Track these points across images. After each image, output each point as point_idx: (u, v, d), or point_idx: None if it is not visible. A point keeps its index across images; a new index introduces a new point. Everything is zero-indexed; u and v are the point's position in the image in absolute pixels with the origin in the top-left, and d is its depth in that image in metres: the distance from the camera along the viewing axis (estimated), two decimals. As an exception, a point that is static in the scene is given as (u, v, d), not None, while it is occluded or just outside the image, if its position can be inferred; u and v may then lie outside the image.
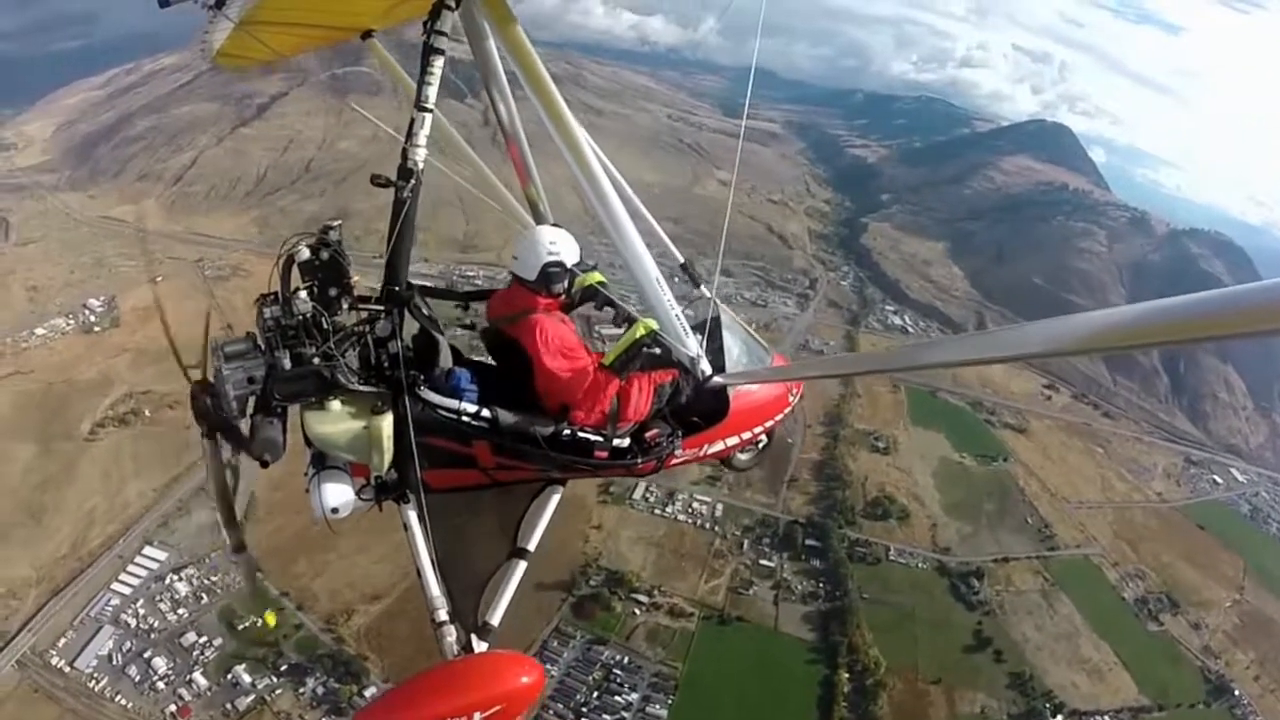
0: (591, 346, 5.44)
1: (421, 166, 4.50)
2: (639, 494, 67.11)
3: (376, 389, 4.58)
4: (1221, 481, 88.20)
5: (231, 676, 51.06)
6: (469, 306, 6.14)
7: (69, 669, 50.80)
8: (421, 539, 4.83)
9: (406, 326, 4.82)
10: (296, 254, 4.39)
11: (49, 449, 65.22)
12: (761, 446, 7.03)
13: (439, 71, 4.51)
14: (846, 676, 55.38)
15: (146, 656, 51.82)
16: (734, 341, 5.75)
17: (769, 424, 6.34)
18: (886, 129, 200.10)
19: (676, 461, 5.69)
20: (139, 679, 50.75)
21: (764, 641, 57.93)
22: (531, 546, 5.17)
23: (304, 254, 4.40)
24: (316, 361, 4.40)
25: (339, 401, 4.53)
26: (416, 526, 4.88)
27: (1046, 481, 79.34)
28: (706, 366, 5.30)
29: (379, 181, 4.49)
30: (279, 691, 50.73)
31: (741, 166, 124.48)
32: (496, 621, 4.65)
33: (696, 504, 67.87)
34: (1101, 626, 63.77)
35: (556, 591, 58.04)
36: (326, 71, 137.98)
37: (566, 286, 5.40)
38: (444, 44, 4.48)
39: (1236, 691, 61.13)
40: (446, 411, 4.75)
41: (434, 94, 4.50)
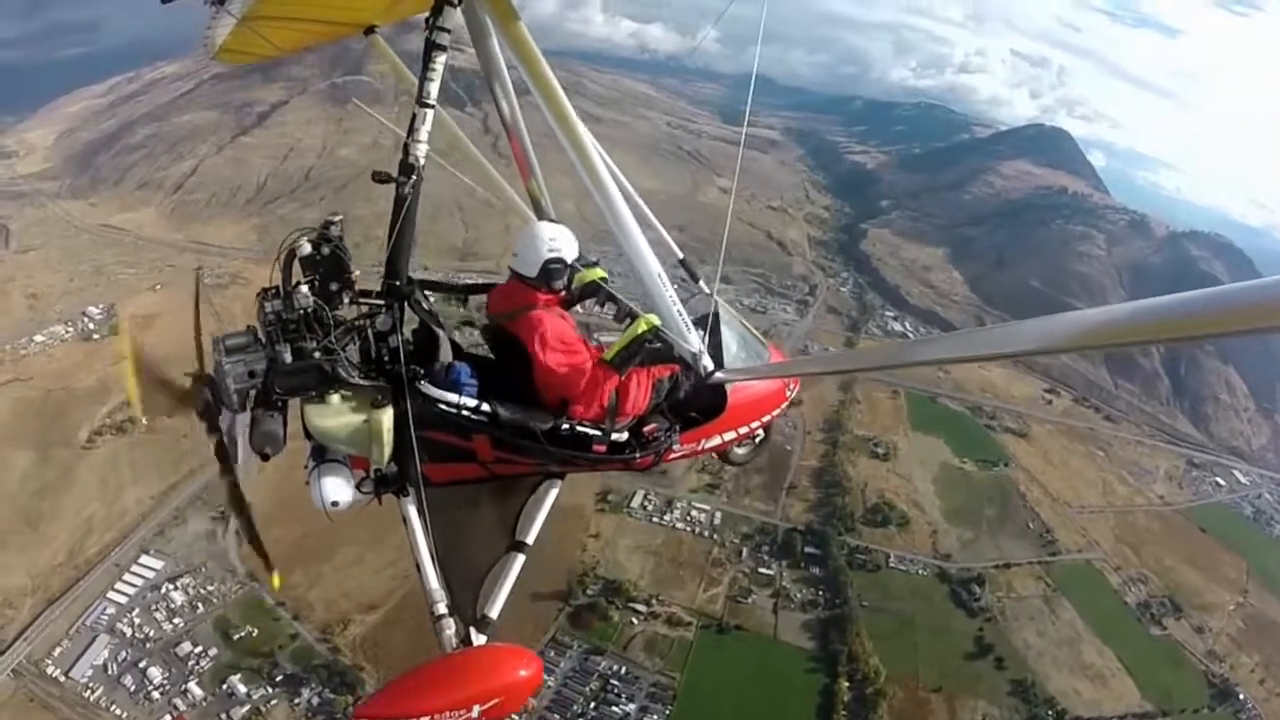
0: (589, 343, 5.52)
1: (423, 162, 4.56)
2: (637, 502, 66.79)
3: (377, 383, 4.64)
4: (1224, 484, 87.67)
5: (226, 687, 50.82)
6: (468, 300, 6.28)
7: (64, 678, 50.63)
8: (421, 532, 4.91)
9: (407, 321, 4.91)
10: (298, 249, 4.45)
11: (47, 456, 65.17)
12: (758, 441, 7.11)
13: (441, 68, 4.57)
14: (846, 685, 54.86)
15: (142, 666, 51.61)
16: (732, 337, 5.74)
17: (766, 419, 6.40)
18: (886, 135, 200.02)
19: (674, 456, 5.76)
20: (134, 689, 50.53)
21: (763, 650, 57.42)
22: (530, 540, 5.25)
23: (305, 249, 4.46)
24: (317, 355, 4.45)
25: (339, 395, 4.59)
26: (416, 520, 4.96)
27: (1048, 486, 78.86)
28: (709, 362, 5.29)
29: (381, 178, 4.57)
30: (274, 702, 50.48)
31: (741, 173, 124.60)
32: (495, 615, 4.72)
33: (695, 512, 67.43)
34: (1104, 631, 63.23)
35: (553, 601, 57.60)
36: (326, 80, 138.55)
37: (566, 283, 5.45)
38: (446, 40, 4.53)
39: (1241, 695, 60.60)
40: (446, 406, 4.81)
41: (436, 90, 4.56)
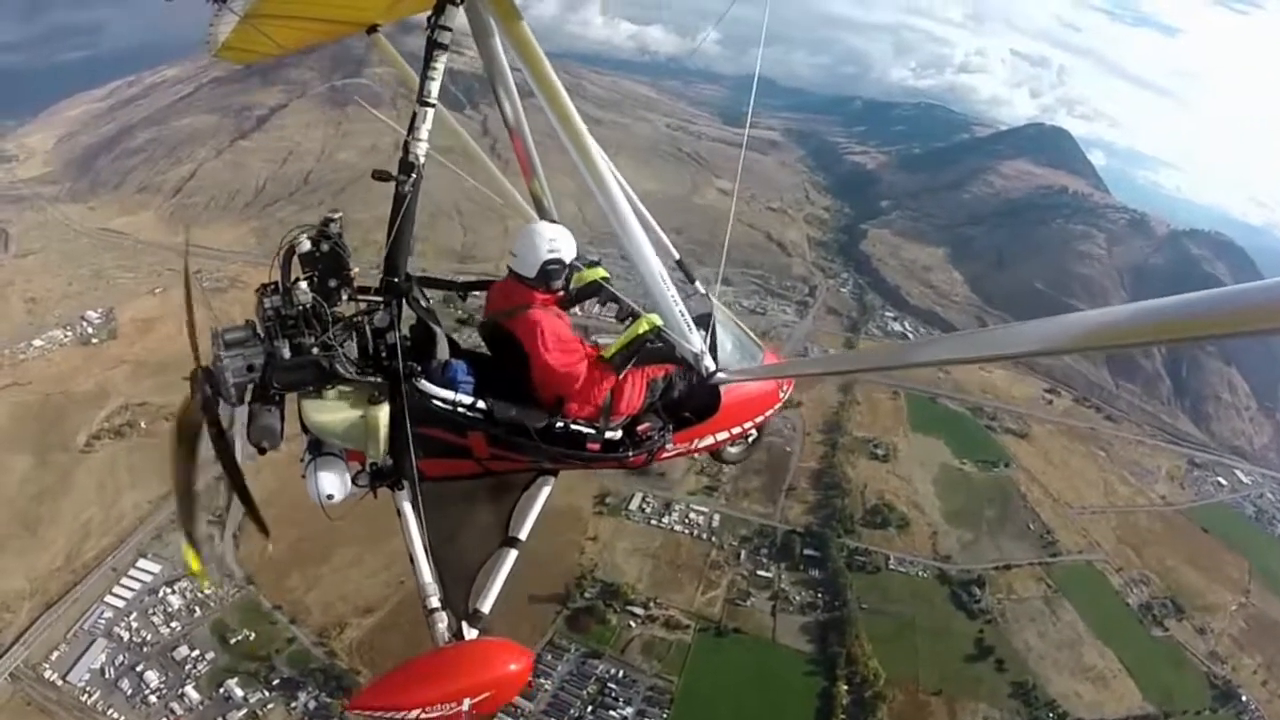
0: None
1: (423, 161, 4.59)
2: (635, 505, 66.57)
3: (374, 379, 4.68)
4: (1226, 483, 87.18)
5: (223, 690, 50.82)
6: (466, 297, 6.27)
7: (62, 682, 50.71)
8: (415, 526, 4.94)
9: (405, 318, 4.95)
10: (298, 245, 4.47)
11: (45, 461, 65.28)
12: (751, 441, 7.20)
13: (442, 67, 4.59)
14: (845, 688, 54.54)
15: (139, 670, 51.63)
16: (727, 338, 5.73)
17: (759, 419, 6.47)
18: (886, 135, 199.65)
19: (667, 455, 5.81)
20: (131, 692, 50.57)
21: (761, 653, 57.11)
22: (523, 536, 5.27)
23: (305, 245, 4.47)
24: (315, 351, 4.49)
25: (337, 391, 4.66)
26: (410, 514, 4.98)
27: (1048, 487, 78.48)
28: (710, 363, 5.31)
29: (380, 176, 4.61)
30: (271, 706, 50.44)
31: (742, 175, 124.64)
32: (487, 609, 4.75)
33: (693, 514, 67.19)
34: (1105, 633, 62.81)
35: (551, 604, 57.36)
36: (326, 83, 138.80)
37: (564, 283, 5.48)
38: (448, 39, 4.55)
39: (1244, 697, 60.17)
40: (442, 402, 4.85)
41: (437, 89, 4.58)
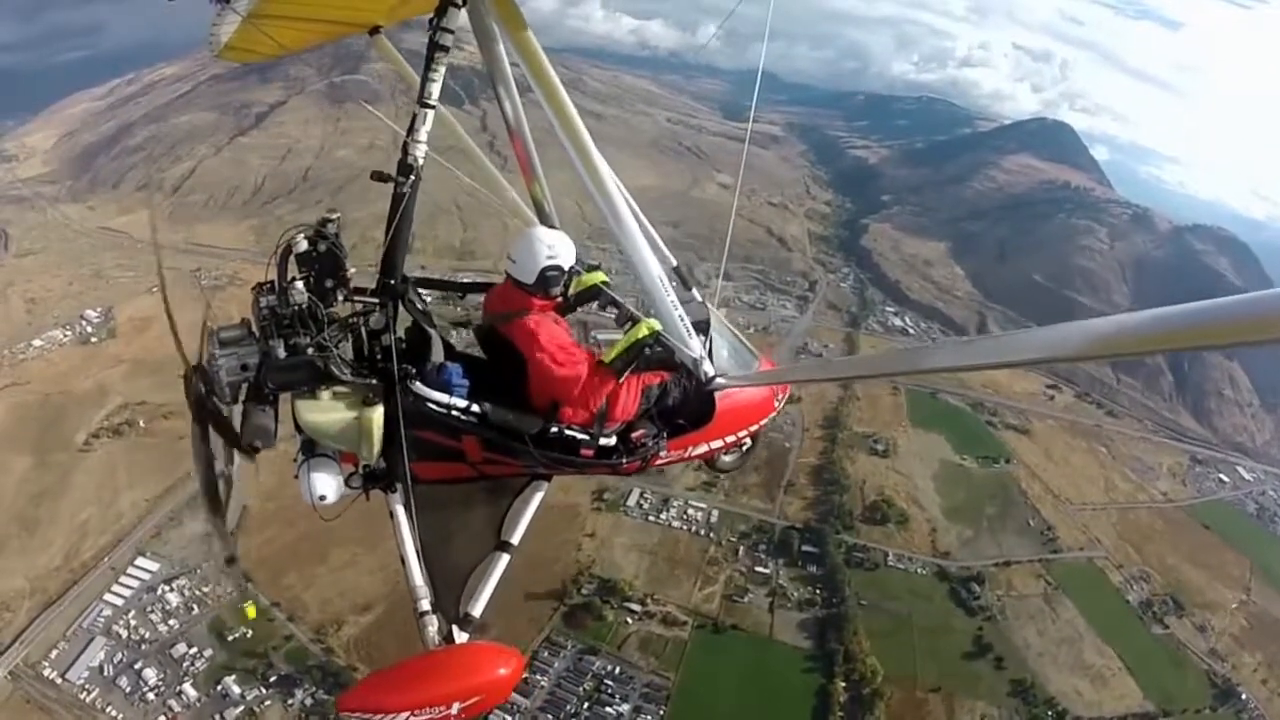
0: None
1: (422, 162, 4.55)
2: (633, 500, 66.43)
3: (369, 381, 4.65)
4: (1228, 480, 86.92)
5: (221, 688, 50.87)
6: (465, 297, 6.29)
7: (61, 680, 50.82)
8: (407, 529, 4.93)
9: (400, 320, 4.89)
10: (294, 245, 4.45)
11: (44, 460, 65.40)
12: (745, 449, 7.14)
13: (443, 69, 4.56)
14: (843, 685, 54.36)
15: (137, 668, 51.74)
16: (723, 345, 5.77)
17: (754, 427, 6.43)
18: (888, 130, 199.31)
19: (661, 462, 5.80)
20: (130, 690, 50.68)
21: (758, 650, 57.02)
22: (515, 540, 5.27)
23: (301, 245, 4.45)
24: (310, 351, 4.46)
25: (331, 391, 4.61)
26: (403, 517, 4.98)
27: (1049, 483, 78.31)
28: (709, 368, 5.32)
29: (379, 177, 4.58)
30: (268, 703, 50.52)
31: (742, 169, 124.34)
32: (478, 613, 4.74)
33: (691, 510, 67.13)
34: (1105, 631, 62.65)
35: (548, 600, 57.33)
36: (324, 79, 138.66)
37: (563, 289, 5.46)
38: (449, 41, 4.51)
39: (1244, 695, 59.95)
40: (437, 405, 4.82)
41: (438, 91, 4.55)
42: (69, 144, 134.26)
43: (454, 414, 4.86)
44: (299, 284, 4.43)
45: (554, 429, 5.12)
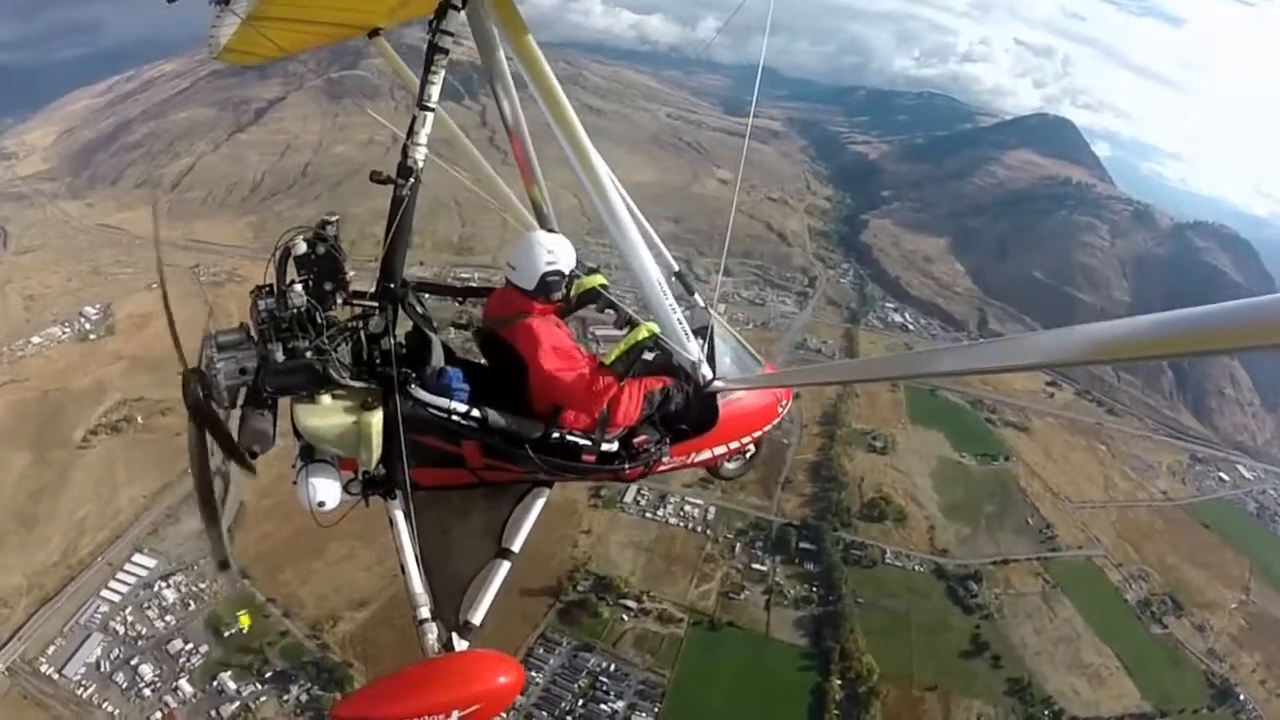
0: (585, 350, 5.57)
1: (421, 165, 4.57)
2: (630, 497, 66.10)
3: (368, 385, 4.64)
4: (1228, 479, 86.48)
5: (217, 684, 50.89)
6: (465, 301, 6.25)
7: (58, 676, 50.85)
8: (407, 536, 4.90)
9: (400, 324, 4.91)
10: (293, 247, 4.45)
11: (43, 457, 65.50)
12: (749, 456, 7.18)
13: (443, 71, 4.58)
14: (839, 683, 54.09)
15: (134, 664, 51.76)
16: (725, 350, 5.78)
17: (757, 434, 6.46)
18: (889, 125, 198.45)
19: (663, 468, 5.82)
20: (126, 686, 50.69)
21: (754, 648, 56.80)
22: (516, 547, 5.23)
23: (300, 248, 4.45)
24: (309, 355, 4.43)
25: (330, 396, 4.58)
26: (402, 523, 4.96)
27: (1048, 481, 78.00)
28: (708, 371, 5.33)
29: (378, 178, 4.57)
30: (263, 699, 50.48)
31: (742, 165, 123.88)
32: (478, 621, 4.70)
33: (688, 507, 66.82)
34: (1103, 630, 62.36)
35: (543, 597, 57.07)
36: (323, 75, 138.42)
37: (564, 294, 5.46)
38: (448, 43, 4.53)
39: (1241, 696, 59.62)
40: (437, 410, 4.80)
41: (437, 93, 4.58)
42: (68, 141, 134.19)
43: (454, 419, 4.84)
44: (298, 287, 4.42)
45: (555, 434, 5.12)
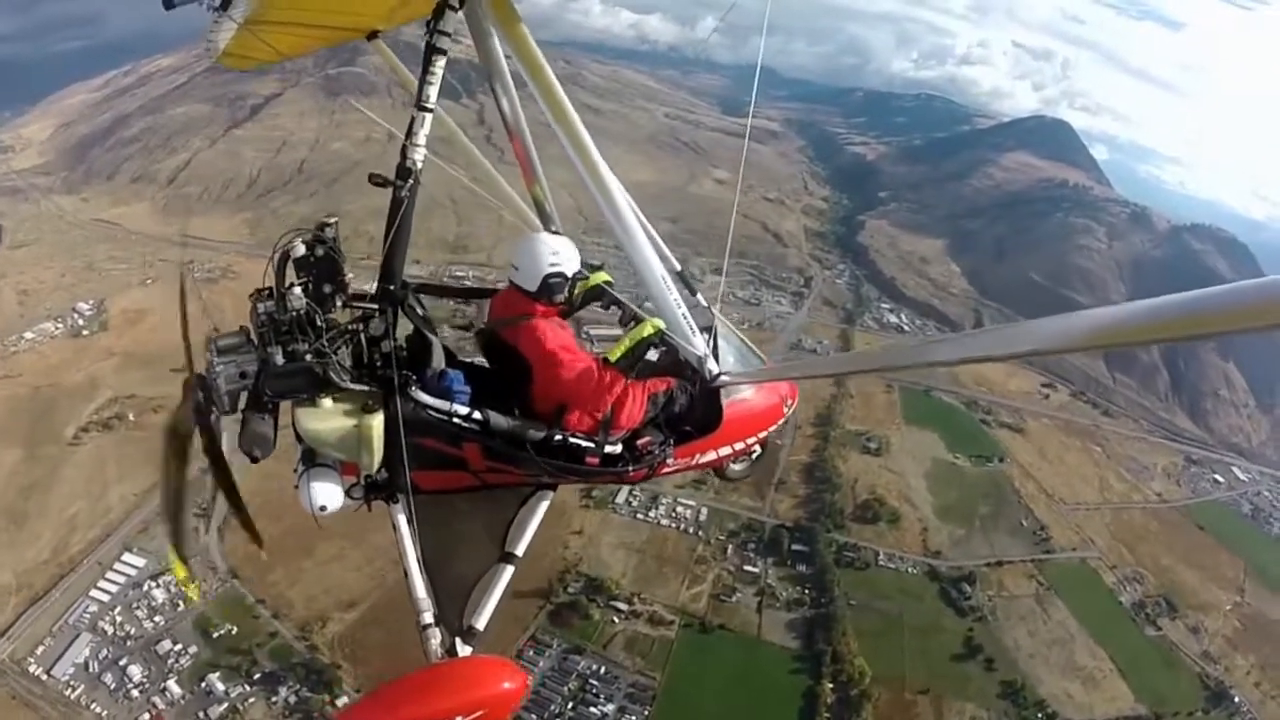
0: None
1: (420, 166, 4.52)
2: (621, 498, 65.84)
3: (368, 388, 4.61)
4: (1223, 480, 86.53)
5: (205, 685, 50.68)
6: (468, 302, 6.26)
7: (46, 676, 50.63)
8: (409, 540, 4.87)
9: (400, 326, 4.87)
10: (292, 250, 4.43)
11: (34, 454, 65.27)
12: (755, 457, 7.04)
13: (441, 72, 4.52)
14: (830, 687, 53.90)
15: (122, 664, 51.58)
16: (729, 347, 5.65)
17: (762, 434, 6.34)
18: (886, 126, 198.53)
19: (668, 470, 5.75)
20: (114, 687, 50.51)
21: (746, 650, 56.58)
22: (520, 551, 5.17)
23: (299, 250, 4.43)
24: (309, 358, 4.40)
25: (331, 399, 4.55)
26: (405, 527, 4.93)
27: (1043, 482, 77.89)
28: (714, 366, 5.24)
29: (377, 180, 4.54)
30: (252, 700, 50.29)
31: (739, 165, 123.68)
32: (482, 626, 4.65)
33: (680, 508, 66.59)
34: (1097, 632, 62.25)
35: (534, 599, 56.81)
36: (320, 72, 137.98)
37: (567, 295, 5.46)
38: (446, 44, 4.48)
39: (1236, 698, 59.62)
40: (438, 412, 4.77)
41: (435, 94, 4.53)
42: (65, 135, 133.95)
43: (455, 421, 4.81)
44: (297, 290, 4.38)
45: (558, 436, 5.05)
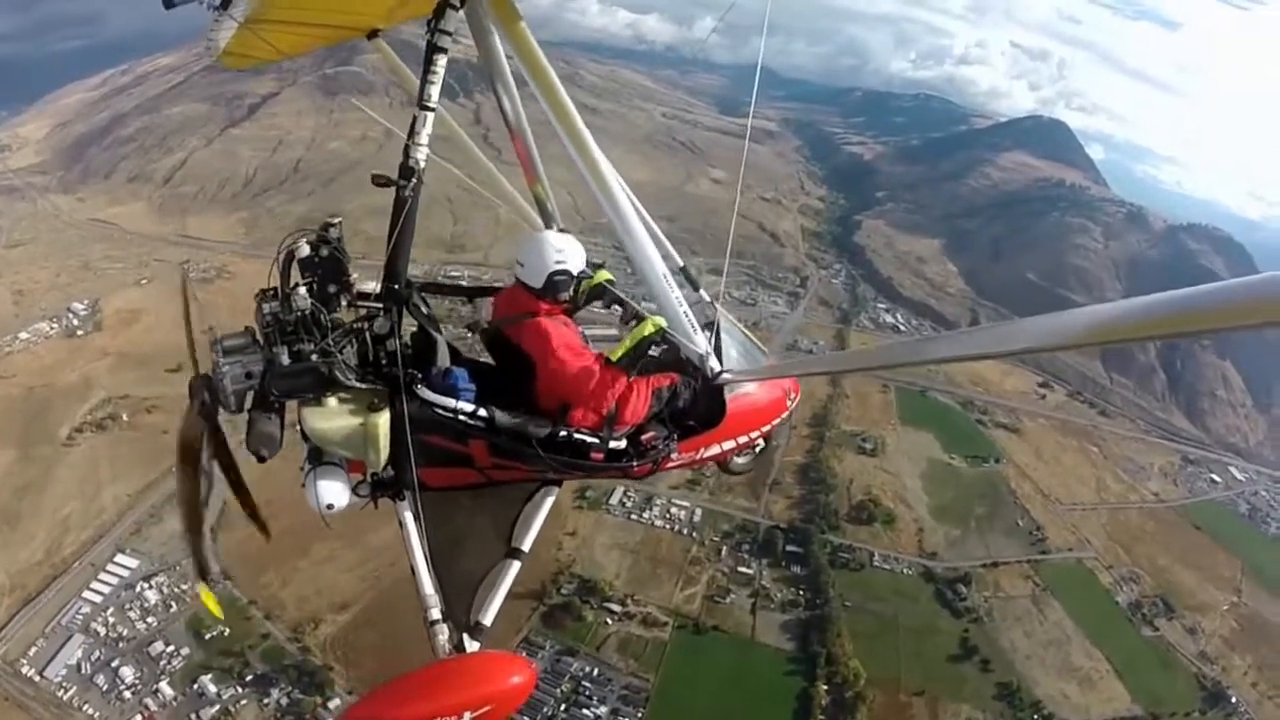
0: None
1: (423, 165, 4.56)
2: (615, 499, 65.58)
3: (374, 386, 4.66)
4: (1220, 480, 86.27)
5: (197, 686, 50.40)
6: (473, 301, 6.25)
7: (39, 678, 50.40)
8: (416, 537, 4.95)
9: (405, 324, 4.92)
10: (297, 250, 4.46)
11: (28, 454, 65.03)
12: (758, 451, 7.08)
13: (442, 71, 4.55)
14: (825, 688, 53.59)
15: (115, 665, 51.30)
16: (731, 343, 5.70)
17: (766, 428, 6.39)
18: (884, 126, 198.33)
19: (672, 465, 5.80)
20: (107, 688, 50.23)
21: (740, 652, 56.25)
22: (526, 547, 5.24)
23: (304, 250, 4.47)
24: (315, 358, 4.46)
25: (336, 398, 4.61)
26: (411, 524, 5.00)
27: (1039, 482, 77.64)
28: (715, 363, 5.28)
29: (380, 181, 4.54)
30: (244, 702, 50.04)
31: (738, 164, 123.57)
32: (489, 621, 4.71)
33: (675, 509, 66.20)
34: (1093, 633, 62.03)
35: (526, 600, 56.33)
36: (317, 71, 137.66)
37: (572, 293, 5.49)
38: (447, 43, 4.51)
39: (1233, 698, 59.44)
40: (443, 410, 4.81)
41: (437, 93, 4.56)
42: (62, 134, 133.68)
43: (461, 418, 4.84)
44: (302, 290, 4.42)
45: (563, 432, 5.09)
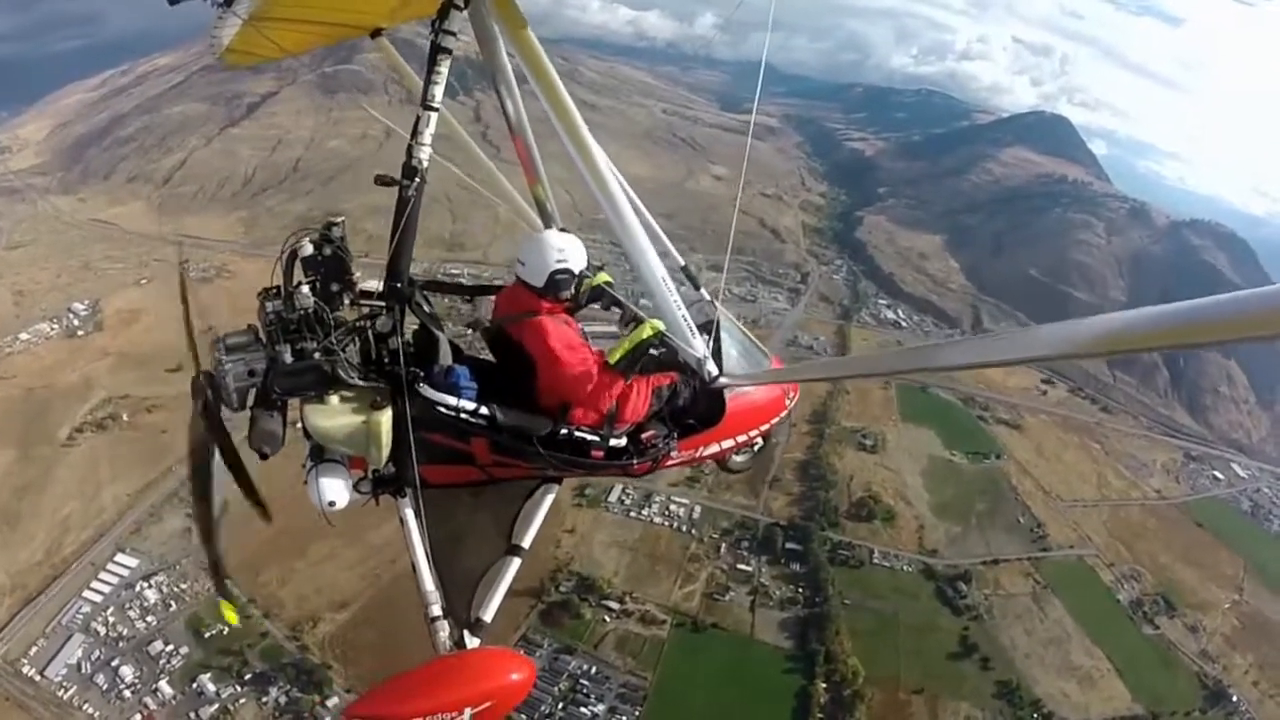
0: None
1: (426, 165, 4.60)
2: (614, 496, 65.43)
3: (376, 384, 4.68)
4: (1222, 477, 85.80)
5: (196, 685, 50.49)
6: (474, 299, 6.30)
7: (39, 677, 50.57)
8: (417, 534, 4.97)
9: (407, 323, 4.96)
10: (300, 249, 4.50)
11: (28, 455, 65.17)
12: (757, 449, 7.12)
13: (445, 71, 4.58)
14: (823, 686, 53.41)
15: (114, 665, 51.44)
16: (732, 344, 5.74)
17: (765, 427, 6.45)
18: (885, 122, 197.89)
19: (672, 463, 5.84)
20: (106, 688, 50.36)
21: (738, 650, 56.10)
22: (526, 544, 5.28)
23: (307, 249, 4.51)
24: (317, 356, 4.49)
25: (339, 396, 4.62)
26: (412, 521, 5.02)
27: (1040, 479, 77.32)
28: (713, 367, 5.29)
29: (383, 180, 4.61)
30: (242, 701, 50.12)
31: (738, 161, 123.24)
32: (489, 618, 4.75)
33: (674, 506, 66.05)
34: (1094, 631, 61.68)
35: (525, 598, 56.12)
36: (317, 69, 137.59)
37: (573, 292, 5.49)
38: (451, 43, 4.55)
39: (1235, 697, 59.08)
40: (445, 408, 4.83)
41: (440, 93, 4.60)
42: (62, 135, 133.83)
43: (462, 416, 4.86)
44: (305, 288, 4.45)
45: (564, 430, 5.13)
